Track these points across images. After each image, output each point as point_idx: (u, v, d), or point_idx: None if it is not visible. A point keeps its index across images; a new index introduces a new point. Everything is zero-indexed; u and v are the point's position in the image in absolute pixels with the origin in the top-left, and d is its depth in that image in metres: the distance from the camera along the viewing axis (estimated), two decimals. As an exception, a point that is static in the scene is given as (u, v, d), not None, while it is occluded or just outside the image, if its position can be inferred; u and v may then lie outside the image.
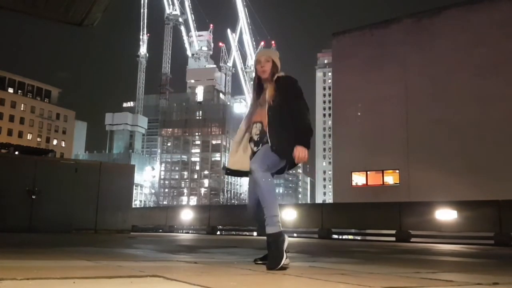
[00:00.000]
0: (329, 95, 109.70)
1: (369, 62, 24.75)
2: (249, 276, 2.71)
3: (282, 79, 3.48)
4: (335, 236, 12.91)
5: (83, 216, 12.01)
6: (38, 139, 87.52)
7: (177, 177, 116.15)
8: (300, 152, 3.23)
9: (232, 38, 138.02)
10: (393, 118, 23.49)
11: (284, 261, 2.96)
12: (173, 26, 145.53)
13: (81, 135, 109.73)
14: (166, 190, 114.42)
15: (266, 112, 3.37)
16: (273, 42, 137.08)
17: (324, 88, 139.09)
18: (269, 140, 3.29)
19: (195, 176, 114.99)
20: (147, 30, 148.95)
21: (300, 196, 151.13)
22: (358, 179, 25.25)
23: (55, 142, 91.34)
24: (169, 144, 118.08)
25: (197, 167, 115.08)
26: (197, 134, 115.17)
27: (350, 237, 14.50)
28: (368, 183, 24.70)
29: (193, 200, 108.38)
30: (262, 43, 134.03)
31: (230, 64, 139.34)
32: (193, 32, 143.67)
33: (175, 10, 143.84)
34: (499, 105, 20.34)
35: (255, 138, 3.43)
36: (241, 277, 2.65)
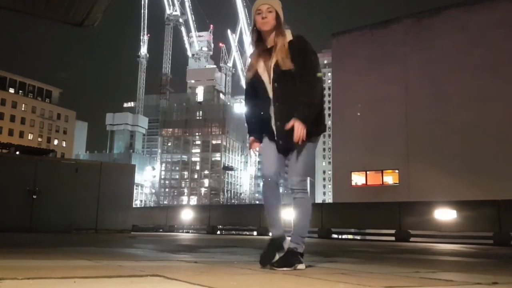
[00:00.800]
0: (329, 95, 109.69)
1: (369, 62, 24.75)
2: (249, 276, 2.72)
3: (296, 41, 2.95)
4: (335, 236, 12.92)
5: (84, 216, 12.03)
6: (39, 139, 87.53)
7: (177, 177, 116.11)
8: (296, 129, 2.79)
9: (232, 38, 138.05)
10: (393, 118, 23.49)
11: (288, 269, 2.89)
12: (173, 27, 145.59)
13: (82, 135, 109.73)
14: (167, 190, 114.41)
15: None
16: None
17: (324, 88, 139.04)
18: (276, 125, 2.94)
19: (195, 176, 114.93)
20: (147, 31, 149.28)
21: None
22: (358, 179, 25.25)
23: (55, 142, 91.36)
24: (169, 144, 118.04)
25: (197, 167, 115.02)
26: (197, 134, 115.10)
27: (350, 237, 14.50)
28: (368, 183, 24.71)
29: (193, 200, 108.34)
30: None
31: (230, 64, 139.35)
32: (193, 33, 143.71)
33: (175, 10, 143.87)
34: (499, 105, 20.35)
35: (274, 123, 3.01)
36: (241, 277, 2.66)
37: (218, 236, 14.00)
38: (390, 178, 24.14)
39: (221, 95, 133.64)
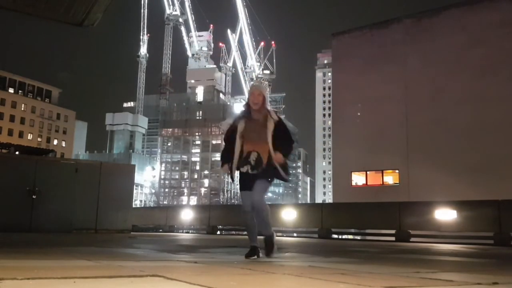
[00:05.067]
0: (329, 95, 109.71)
1: (369, 62, 24.74)
2: (249, 276, 2.71)
3: (282, 122, 4.38)
4: (335, 236, 12.91)
5: (84, 216, 12.02)
6: (39, 139, 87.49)
7: (177, 177, 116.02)
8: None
9: (232, 38, 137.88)
10: (393, 118, 23.48)
11: (275, 250, 4.45)
12: (173, 27, 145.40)
13: (82, 135, 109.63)
14: (166, 190, 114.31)
15: (264, 146, 4.25)
16: (273, 42, 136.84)
17: (324, 88, 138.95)
18: (266, 172, 4.25)
19: (195, 176, 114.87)
20: (147, 30, 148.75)
21: (300, 196, 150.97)
22: (358, 179, 25.25)
23: (55, 142, 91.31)
24: (169, 144, 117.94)
25: (197, 167, 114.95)
26: (197, 134, 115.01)
27: (350, 237, 14.50)
28: (368, 183, 24.70)
29: (193, 200, 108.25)
30: (262, 43, 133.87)
31: (230, 64, 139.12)
32: (193, 33, 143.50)
33: (175, 10, 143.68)
34: (499, 105, 20.34)
35: (252, 163, 4.28)
36: (241, 277, 2.66)
37: (218, 236, 14.00)
38: (390, 178, 24.14)
39: (221, 95, 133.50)
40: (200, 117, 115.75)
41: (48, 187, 11.59)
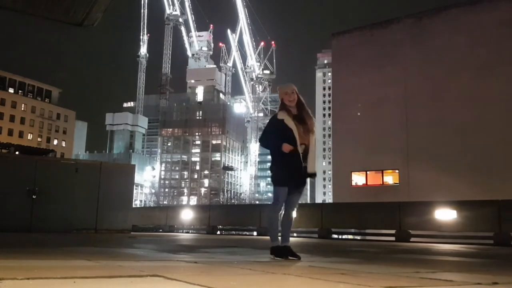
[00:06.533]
0: (329, 95, 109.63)
1: (369, 62, 24.74)
2: (249, 276, 2.71)
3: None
4: (335, 236, 12.91)
5: (84, 216, 12.02)
6: (39, 139, 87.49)
7: (177, 177, 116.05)
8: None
9: (232, 38, 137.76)
10: (393, 118, 23.48)
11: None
12: (173, 27, 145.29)
13: (82, 135, 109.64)
14: (166, 190, 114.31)
15: (310, 140, 4.53)
16: (273, 42, 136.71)
17: (324, 88, 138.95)
18: (308, 166, 4.57)
19: (195, 176, 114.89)
20: (147, 30, 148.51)
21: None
22: (358, 179, 25.25)
23: (55, 142, 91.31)
24: (169, 144, 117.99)
25: (197, 167, 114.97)
26: (197, 134, 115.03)
27: (350, 237, 14.50)
28: (368, 183, 24.69)
29: (193, 200, 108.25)
30: (262, 43, 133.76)
31: (230, 64, 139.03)
32: (193, 33, 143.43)
33: (175, 10, 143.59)
34: (499, 105, 20.34)
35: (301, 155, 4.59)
36: (241, 277, 2.66)
37: (218, 236, 14.00)
38: (390, 178, 24.13)
39: (221, 95, 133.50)
40: (200, 117, 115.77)
41: (48, 187, 11.59)
